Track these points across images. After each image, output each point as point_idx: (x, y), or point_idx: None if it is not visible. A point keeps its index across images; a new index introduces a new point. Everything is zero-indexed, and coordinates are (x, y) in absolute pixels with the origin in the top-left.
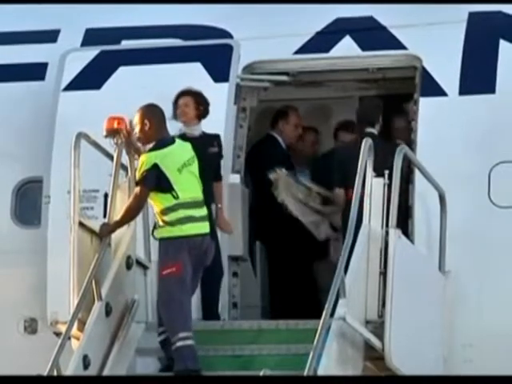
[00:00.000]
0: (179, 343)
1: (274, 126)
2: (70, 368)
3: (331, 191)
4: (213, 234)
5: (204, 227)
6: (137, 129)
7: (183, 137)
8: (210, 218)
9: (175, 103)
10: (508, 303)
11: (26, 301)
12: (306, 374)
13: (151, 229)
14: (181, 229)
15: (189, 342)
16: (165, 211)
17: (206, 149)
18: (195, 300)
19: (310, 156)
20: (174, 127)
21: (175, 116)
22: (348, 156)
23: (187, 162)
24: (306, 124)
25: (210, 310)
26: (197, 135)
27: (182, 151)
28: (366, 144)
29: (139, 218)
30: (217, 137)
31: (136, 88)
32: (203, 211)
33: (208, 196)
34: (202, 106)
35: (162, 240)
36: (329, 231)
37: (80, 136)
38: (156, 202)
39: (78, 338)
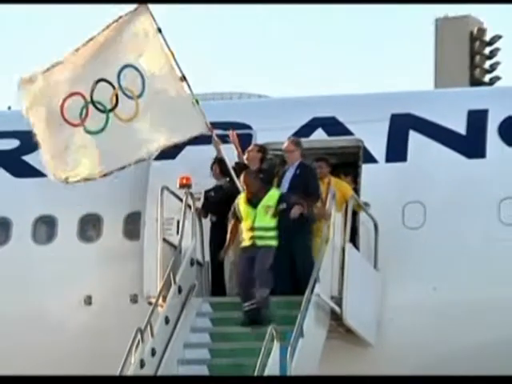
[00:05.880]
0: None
1: None
2: (157, 324)
3: None
4: None
5: None
6: None
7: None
8: None
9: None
10: (414, 284)
11: (132, 283)
12: (296, 326)
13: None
14: None
15: None
16: None
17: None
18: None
19: None
20: None
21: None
22: None
23: None
24: None
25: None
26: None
27: None
28: (331, 192)
29: (198, 232)
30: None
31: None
32: None
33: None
34: (223, 167)
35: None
36: None
37: (164, 188)
38: None
39: (162, 306)
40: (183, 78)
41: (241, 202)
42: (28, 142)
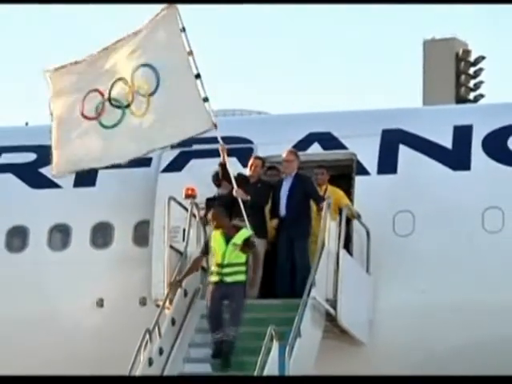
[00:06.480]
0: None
1: None
2: (165, 325)
3: None
4: None
5: None
6: None
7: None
8: None
9: (217, 177)
10: (403, 287)
11: (141, 287)
12: (294, 327)
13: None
14: None
15: None
16: None
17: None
18: None
19: None
20: None
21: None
22: None
23: None
24: None
25: None
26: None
27: None
28: (327, 204)
29: (202, 240)
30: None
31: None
32: None
33: None
34: (225, 172)
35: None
36: None
37: (170, 198)
38: None
39: (169, 308)
40: (198, 76)
41: (216, 237)
42: (44, 155)
